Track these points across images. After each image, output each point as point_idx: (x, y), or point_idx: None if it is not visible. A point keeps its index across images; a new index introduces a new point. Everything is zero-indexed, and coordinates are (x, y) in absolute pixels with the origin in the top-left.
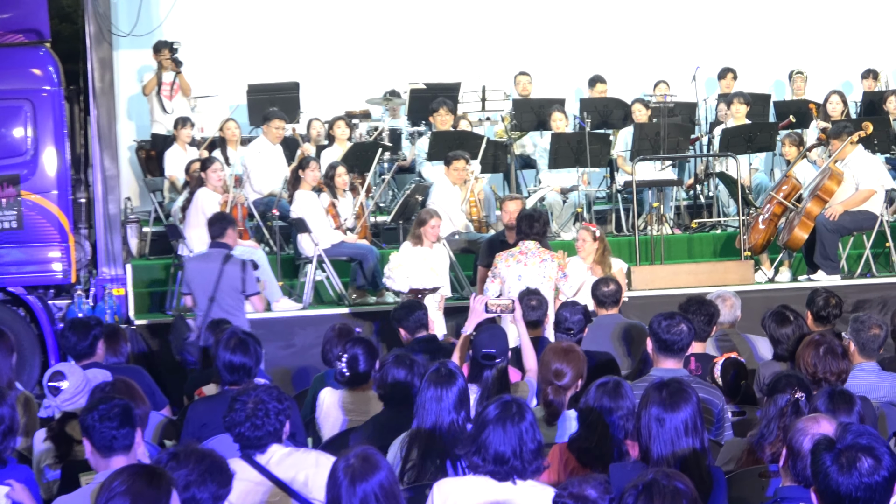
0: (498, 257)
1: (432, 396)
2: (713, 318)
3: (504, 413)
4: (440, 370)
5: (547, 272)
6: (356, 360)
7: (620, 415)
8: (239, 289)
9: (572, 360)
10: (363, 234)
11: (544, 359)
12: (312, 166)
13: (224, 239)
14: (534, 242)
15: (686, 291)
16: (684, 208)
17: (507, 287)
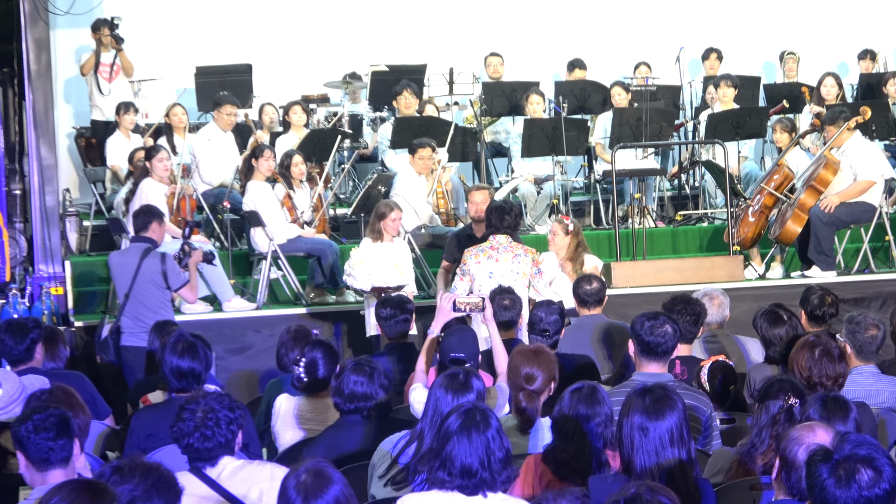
0: (467, 253)
1: (440, 399)
2: (700, 318)
3: (467, 422)
4: (457, 377)
5: (521, 268)
6: (315, 364)
7: (598, 422)
8: (161, 284)
9: (543, 363)
10: (321, 228)
11: (512, 363)
12: (266, 155)
13: (147, 233)
14: (505, 237)
15: (670, 289)
16: (668, 199)
17: (478, 285)
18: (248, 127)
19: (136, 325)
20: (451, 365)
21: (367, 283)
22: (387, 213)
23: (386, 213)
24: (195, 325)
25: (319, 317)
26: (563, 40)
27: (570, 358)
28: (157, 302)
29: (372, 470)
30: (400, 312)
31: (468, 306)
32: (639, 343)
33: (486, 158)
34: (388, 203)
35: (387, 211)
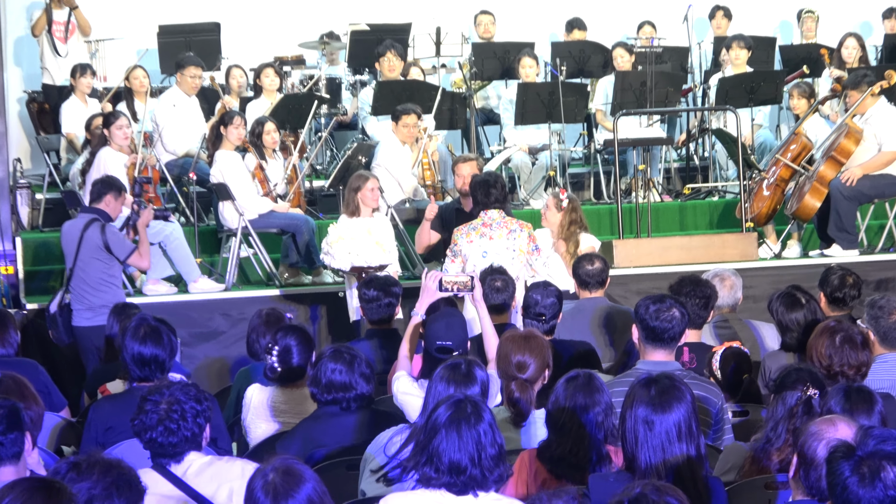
0: (457, 232)
1: (442, 392)
2: (710, 301)
3: (457, 415)
4: (459, 368)
5: (517, 245)
6: (288, 352)
7: (597, 412)
8: (104, 258)
9: (535, 349)
10: (296, 202)
11: (502, 351)
12: (236, 122)
13: (100, 204)
14: (497, 211)
15: (677, 270)
16: (675, 171)
17: (472, 266)
18: (216, 91)
19: (81, 304)
20: (438, 354)
21: (346, 262)
22: (361, 184)
23: (360, 184)
24: (158, 307)
25: (294, 299)
26: None
27: (569, 345)
28: (99, 279)
29: (364, 464)
30: (385, 295)
31: (456, 286)
32: (643, 328)
33: (476, 126)
34: (361, 174)
35: (361, 182)
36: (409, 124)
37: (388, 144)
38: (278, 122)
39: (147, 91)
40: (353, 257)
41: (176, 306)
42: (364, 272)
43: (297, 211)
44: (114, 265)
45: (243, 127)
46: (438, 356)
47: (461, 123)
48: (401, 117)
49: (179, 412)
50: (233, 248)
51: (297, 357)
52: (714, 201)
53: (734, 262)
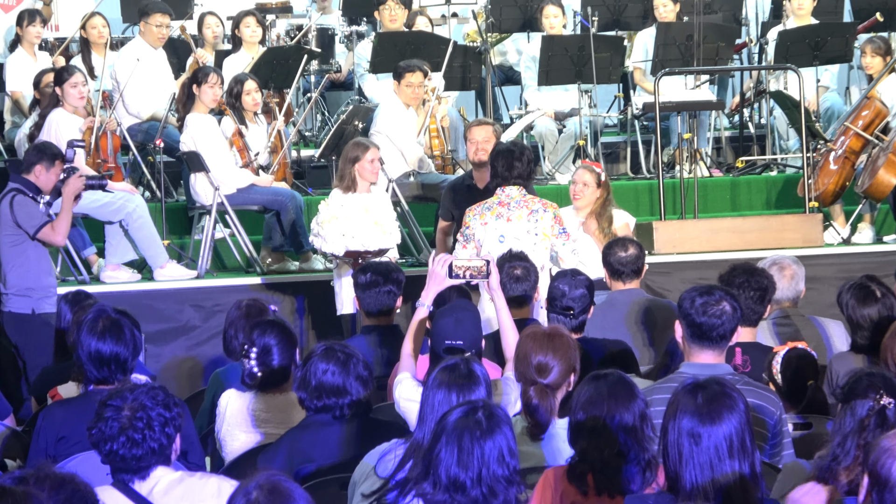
0: (469, 213)
1: (443, 400)
2: (766, 293)
3: (465, 422)
4: (458, 368)
5: (540, 228)
6: (268, 352)
7: (630, 419)
8: (15, 233)
9: (559, 349)
10: (281, 174)
11: (521, 350)
12: (211, 80)
13: (29, 175)
14: (517, 188)
15: (729, 256)
16: (726, 141)
17: (486, 253)
18: (187, 44)
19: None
20: (446, 355)
21: (339, 245)
22: (360, 154)
23: (359, 154)
24: (119, 297)
25: (278, 289)
26: None
27: (600, 344)
28: (10, 258)
29: (353, 488)
30: (384, 280)
31: (469, 272)
32: (688, 325)
33: (493, 87)
34: (359, 142)
35: (360, 152)
36: (413, 84)
37: (389, 108)
38: (260, 81)
39: (106, 43)
40: (348, 240)
41: (140, 296)
42: (361, 257)
43: (282, 185)
44: (30, 242)
45: (219, 86)
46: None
47: (475, 83)
48: (404, 76)
49: (145, 420)
50: (206, 229)
51: (277, 357)
52: (772, 176)
53: (795, 247)
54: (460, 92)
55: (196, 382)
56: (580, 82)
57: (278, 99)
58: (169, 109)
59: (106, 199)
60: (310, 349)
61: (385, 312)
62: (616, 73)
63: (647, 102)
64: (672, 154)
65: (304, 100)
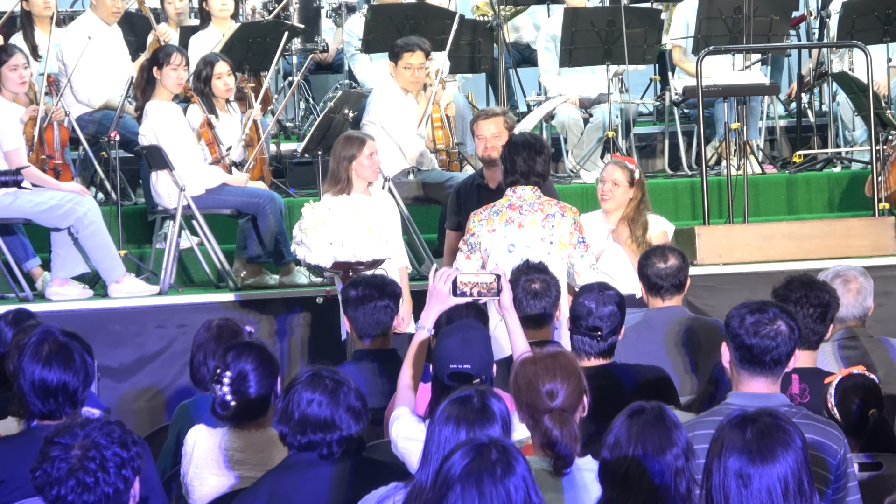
0: (474, 217)
1: (450, 438)
2: (829, 310)
3: (478, 464)
4: (470, 402)
5: (556, 235)
6: (246, 378)
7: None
8: None
9: (565, 370)
10: (258, 172)
11: (521, 377)
12: (174, 62)
13: None
14: (531, 188)
15: (784, 268)
16: (781, 132)
17: (493, 264)
18: (146, 19)
19: None
20: (452, 382)
21: (326, 255)
22: (356, 151)
23: (355, 151)
24: (67, 317)
25: (255, 307)
26: None
27: (633, 370)
28: None
29: None
30: (379, 295)
31: (476, 288)
32: (737, 348)
33: (507, 69)
34: (354, 136)
35: (355, 149)
36: (413, 66)
37: (384, 94)
38: (233, 62)
39: (53, 17)
40: (337, 249)
41: (92, 316)
42: (352, 269)
43: (258, 185)
44: None
45: (184, 68)
46: (452, 384)
47: (486, 65)
48: (402, 56)
49: (98, 461)
50: (170, 237)
51: (255, 385)
52: (835, 173)
53: (863, 257)
54: (469, 75)
55: (159, 417)
56: (609, 63)
57: (254, 83)
58: (125, 96)
59: (52, 201)
60: (292, 376)
61: (381, 334)
62: (651, 53)
63: (688, 87)
64: (718, 147)
65: (285, 84)
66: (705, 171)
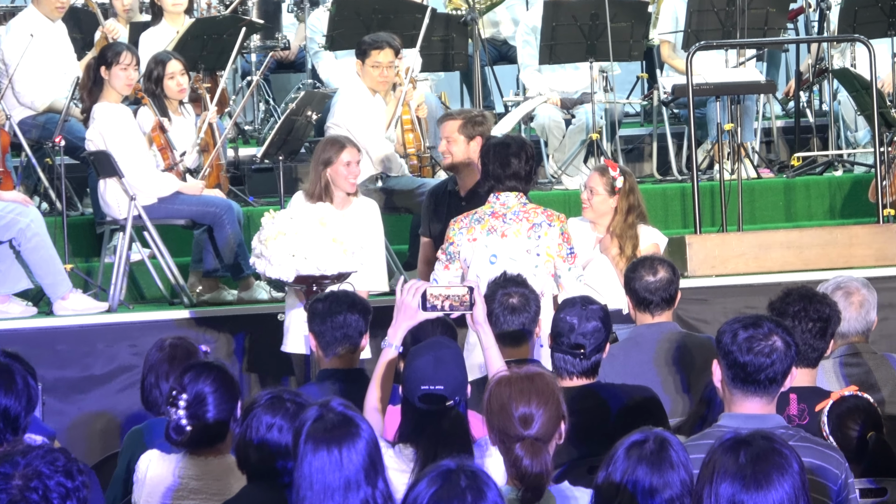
0: (454, 225)
1: (320, 467)
2: (829, 324)
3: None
4: (326, 417)
5: (543, 246)
6: (203, 401)
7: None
8: None
9: (543, 393)
10: (215, 179)
11: (496, 401)
12: (123, 61)
13: None
14: (515, 195)
15: (782, 279)
16: (779, 133)
17: (474, 276)
18: (93, 15)
19: None
20: (423, 404)
21: (288, 269)
22: (332, 155)
23: (331, 156)
24: (8, 336)
25: (211, 324)
26: None
27: (619, 391)
28: None
29: None
30: (347, 310)
31: (447, 301)
32: (730, 366)
33: (483, 66)
34: (333, 139)
35: (332, 152)
36: (381, 64)
37: (350, 94)
38: (187, 61)
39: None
40: (300, 262)
41: (36, 335)
42: (316, 284)
43: (215, 193)
44: None
45: (134, 68)
46: (424, 407)
47: (460, 62)
48: (370, 53)
49: (40, 491)
50: (119, 250)
51: (213, 409)
52: (836, 178)
53: (866, 267)
54: (442, 73)
55: (109, 443)
56: (593, 60)
57: (210, 84)
58: (71, 98)
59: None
60: (251, 399)
61: (346, 352)
62: (638, 48)
63: (678, 85)
64: (710, 150)
65: (243, 85)
66: (696, 175)
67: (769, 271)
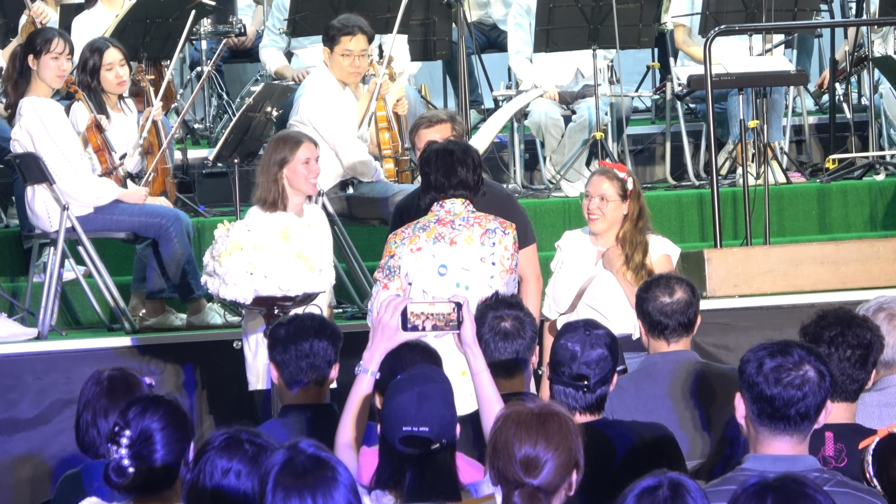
0: (394, 238)
1: None
2: (871, 352)
3: None
4: (296, 460)
5: (498, 256)
6: (147, 441)
7: None
8: None
9: (554, 436)
10: (160, 185)
11: (500, 438)
12: (54, 49)
13: None
14: (462, 202)
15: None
16: (811, 131)
17: (419, 293)
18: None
19: None
20: (405, 447)
21: (245, 289)
22: (288, 154)
23: (286, 155)
24: None
25: (156, 353)
26: None
27: (629, 429)
28: None
29: None
30: (314, 336)
31: (430, 321)
32: (755, 400)
33: (470, 55)
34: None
35: (287, 151)
36: (353, 52)
37: (316, 87)
38: (128, 49)
39: None
40: (259, 280)
41: None
42: (277, 306)
43: (160, 201)
44: None
45: (67, 57)
46: (405, 450)
47: (443, 50)
48: (339, 40)
49: None
50: (50, 267)
51: (161, 450)
52: (878, 182)
53: None
54: (422, 62)
55: (40, 491)
56: (596, 47)
57: (154, 76)
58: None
59: None
60: (203, 439)
61: (315, 383)
62: (648, 34)
63: (695, 76)
64: (732, 151)
65: (192, 76)
66: (716, 180)
67: (800, 291)
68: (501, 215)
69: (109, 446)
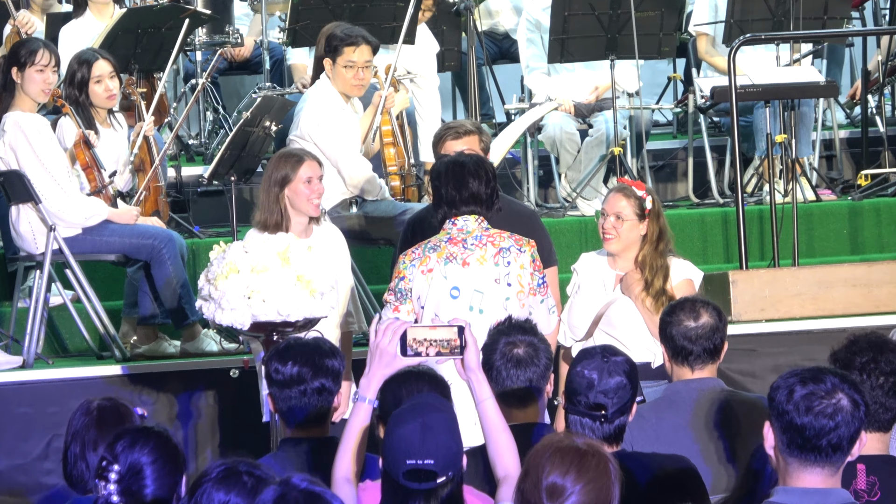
0: (405, 258)
1: None
2: None
3: None
4: (288, 496)
5: (514, 275)
6: (140, 473)
7: None
8: None
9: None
10: (152, 204)
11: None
12: (40, 61)
13: None
14: (474, 218)
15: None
16: (842, 146)
17: (431, 316)
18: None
19: None
20: (409, 481)
21: (242, 314)
22: (289, 172)
23: (287, 173)
24: None
25: (149, 382)
26: None
27: (650, 461)
28: None
29: None
30: (314, 374)
31: (432, 346)
32: (785, 430)
33: (480, 66)
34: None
35: (289, 169)
36: (357, 64)
37: (318, 101)
38: (118, 61)
39: None
40: (257, 305)
41: None
42: (276, 332)
43: (153, 222)
44: None
45: (53, 70)
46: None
47: (452, 61)
48: (342, 51)
49: None
50: (36, 291)
51: (152, 484)
52: None
53: None
54: None
55: None
56: (614, 58)
57: (146, 89)
58: None
59: None
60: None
61: (316, 419)
62: (669, 43)
63: (719, 87)
64: (758, 167)
65: (186, 89)
66: (742, 198)
67: (831, 315)
68: (523, 235)
69: (97, 482)
